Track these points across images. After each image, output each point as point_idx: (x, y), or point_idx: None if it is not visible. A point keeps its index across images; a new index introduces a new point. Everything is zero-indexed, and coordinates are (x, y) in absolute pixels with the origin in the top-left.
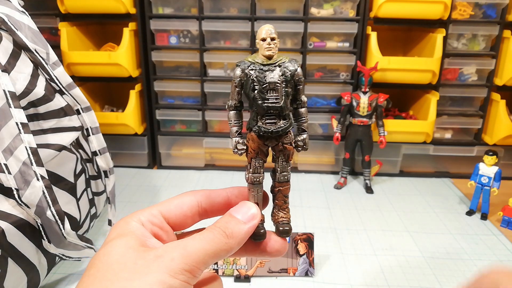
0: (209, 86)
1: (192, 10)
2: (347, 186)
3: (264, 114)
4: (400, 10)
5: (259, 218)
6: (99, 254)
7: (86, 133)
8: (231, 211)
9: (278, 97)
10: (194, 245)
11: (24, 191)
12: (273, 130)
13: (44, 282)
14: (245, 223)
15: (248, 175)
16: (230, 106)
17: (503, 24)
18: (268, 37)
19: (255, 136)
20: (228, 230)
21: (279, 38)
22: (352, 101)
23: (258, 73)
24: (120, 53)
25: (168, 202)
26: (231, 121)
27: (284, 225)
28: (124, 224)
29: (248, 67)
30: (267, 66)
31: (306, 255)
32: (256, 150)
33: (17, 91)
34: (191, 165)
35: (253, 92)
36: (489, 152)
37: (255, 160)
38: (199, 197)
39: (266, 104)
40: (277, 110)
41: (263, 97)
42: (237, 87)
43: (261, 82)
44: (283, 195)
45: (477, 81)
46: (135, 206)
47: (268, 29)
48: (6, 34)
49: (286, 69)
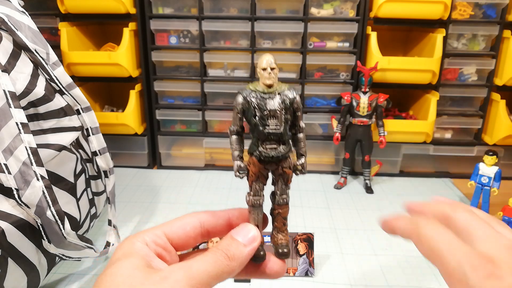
0: (209, 86)
1: (192, 10)
2: (347, 186)
3: (265, 140)
4: (400, 10)
5: (259, 240)
6: (106, 274)
7: (86, 133)
8: (232, 233)
9: (278, 124)
10: (198, 267)
11: (24, 191)
12: (274, 155)
13: (44, 282)
14: (245, 245)
15: (249, 198)
16: (232, 131)
17: (503, 24)
18: (269, 67)
19: (256, 160)
20: (229, 253)
21: (279, 38)
22: (352, 101)
23: (259, 101)
24: (120, 53)
25: (171, 223)
26: (233, 146)
27: (283, 247)
28: (129, 244)
29: (250, 95)
30: (268, 94)
31: (306, 255)
32: (256, 173)
33: (17, 91)
34: (191, 165)
35: (254, 118)
36: (489, 152)
37: (255, 183)
38: (202, 218)
39: (267, 130)
40: (277, 136)
41: (264, 123)
42: (239, 113)
43: (262, 109)
44: (282, 217)
45: (477, 81)
46: (135, 206)
47: (268, 59)
48: (6, 34)
49: (285, 97)
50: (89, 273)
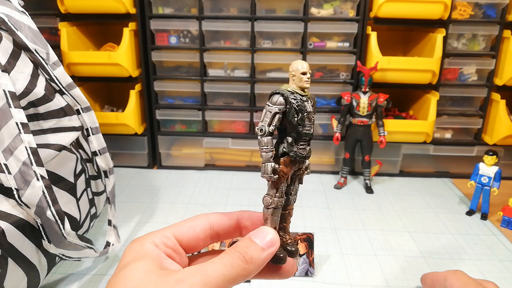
0: (209, 86)
1: (192, 10)
2: (347, 186)
3: (300, 140)
4: (400, 10)
5: (278, 245)
6: (119, 277)
7: (86, 133)
8: (250, 235)
9: (311, 125)
10: (214, 270)
11: (24, 191)
12: (305, 155)
13: (44, 282)
14: (264, 249)
15: (273, 199)
16: (265, 131)
17: (503, 24)
18: (307, 71)
19: (289, 161)
20: (247, 256)
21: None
22: (352, 101)
23: (300, 102)
24: (120, 53)
25: (181, 225)
26: (267, 147)
27: (292, 245)
28: (139, 246)
29: (289, 97)
30: (305, 97)
31: (306, 255)
32: (287, 174)
33: (17, 91)
34: (191, 165)
35: (295, 119)
36: (489, 152)
37: (283, 184)
38: (212, 220)
39: (304, 131)
40: (309, 136)
41: (303, 124)
42: (279, 113)
43: (303, 111)
44: (290, 217)
45: (477, 81)
46: (135, 206)
47: (306, 65)
48: (6, 34)
49: (314, 101)
50: (89, 273)
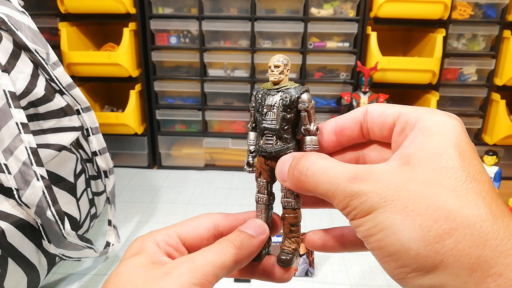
0: (209, 86)
1: (192, 10)
2: None
3: (263, 135)
4: (400, 10)
5: (267, 234)
6: (113, 274)
7: (86, 133)
8: (240, 227)
9: (274, 119)
10: (202, 258)
11: (24, 191)
12: (268, 150)
13: (44, 282)
14: (253, 236)
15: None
16: (248, 127)
17: (503, 24)
18: (272, 65)
19: (258, 156)
20: (237, 242)
21: (279, 38)
22: (352, 101)
23: (262, 96)
24: (120, 53)
25: (185, 223)
26: (248, 141)
27: (284, 254)
28: (139, 244)
29: (258, 92)
30: (271, 91)
31: (306, 255)
32: (259, 169)
33: (17, 91)
34: (191, 165)
35: (256, 113)
36: (489, 152)
37: (259, 179)
38: (216, 219)
39: (264, 125)
40: (273, 131)
41: (262, 118)
42: (252, 109)
43: (261, 105)
44: (289, 223)
45: (477, 81)
46: (135, 206)
47: (275, 58)
48: (6, 34)
49: (287, 94)
50: (89, 273)
